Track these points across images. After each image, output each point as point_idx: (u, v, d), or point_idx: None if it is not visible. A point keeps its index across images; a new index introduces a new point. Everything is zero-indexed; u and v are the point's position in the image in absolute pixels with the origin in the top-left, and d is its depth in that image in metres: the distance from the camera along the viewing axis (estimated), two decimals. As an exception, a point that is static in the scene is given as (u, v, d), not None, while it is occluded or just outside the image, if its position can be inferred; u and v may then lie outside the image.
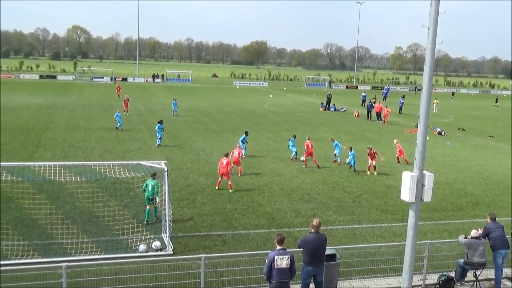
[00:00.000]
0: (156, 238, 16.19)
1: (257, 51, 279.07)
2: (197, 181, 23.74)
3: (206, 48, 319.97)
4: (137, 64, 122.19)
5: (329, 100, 61.20)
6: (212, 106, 59.66)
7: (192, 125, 42.39)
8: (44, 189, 20.66)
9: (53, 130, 36.47)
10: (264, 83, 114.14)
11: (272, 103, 67.38)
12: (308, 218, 18.91)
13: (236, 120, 46.77)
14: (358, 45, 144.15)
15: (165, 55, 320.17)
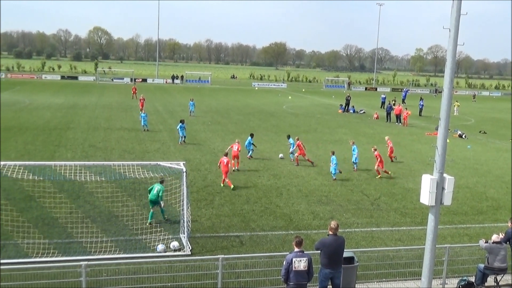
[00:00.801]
0: (174, 238, 16.28)
1: (276, 52, 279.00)
2: (215, 182, 23.80)
3: (225, 49, 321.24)
4: (156, 65, 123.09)
5: (348, 102, 60.89)
6: (231, 107, 59.79)
7: (211, 126, 42.54)
8: (65, 188, 20.92)
9: (74, 130, 36.92)
10: (283, 85, 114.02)
11: (291, 104, 67.27)
12: (326, 221, 18.83)
13: (254, 122, 46.81)
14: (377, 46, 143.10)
15: (185, 56, 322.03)
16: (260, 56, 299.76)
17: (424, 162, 30.58)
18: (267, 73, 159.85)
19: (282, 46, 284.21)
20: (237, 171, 25.95)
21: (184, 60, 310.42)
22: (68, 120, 42.32)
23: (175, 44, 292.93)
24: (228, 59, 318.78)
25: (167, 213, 18.74)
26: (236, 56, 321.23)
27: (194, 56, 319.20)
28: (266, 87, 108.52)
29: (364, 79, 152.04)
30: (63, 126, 38.64)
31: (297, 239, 11.30)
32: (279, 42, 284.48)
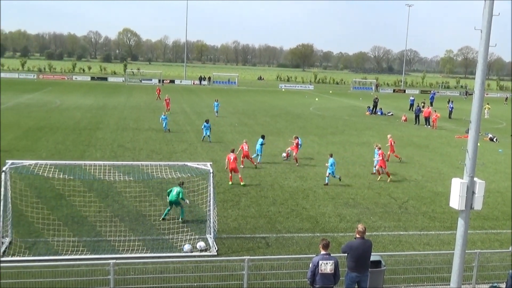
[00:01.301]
0: (200, 239, 16.37)
1: (303, 54, 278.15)
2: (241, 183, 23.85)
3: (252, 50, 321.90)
4: (184, 67, 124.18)
5: (376, 104, 60.32)
6: (258, 108, 59.87)
7: (238, 127, 42.67)
8: (94, 187, 21.27)
9: (103, 130, 37.50)
10: (310, 86, 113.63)
11: (318, 106, 67.00)
12: (353, 223, 18.69)
13: (281, 123, 46.77)
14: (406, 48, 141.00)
15: (212, 57, 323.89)
16: (287, 57, 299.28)
17: (453, 166, 30.08)
18: (294, 74, 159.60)
19: (309, 47, 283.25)
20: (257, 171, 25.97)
21: (212, 62, 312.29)
22: (97, 120, 43.01)
23: (202, 46, 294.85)
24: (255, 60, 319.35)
25: (194, 213, 18.89)
26: (263, 57, 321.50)
27: (221, 58, 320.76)
28: (293, 89, 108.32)
29: (392, 81, 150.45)
30: (93, 126, 39.28)
31: (323, 242, 11.24)
32: (306, 44, 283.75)
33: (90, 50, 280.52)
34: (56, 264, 13.18)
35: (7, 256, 14.36)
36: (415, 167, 29.41)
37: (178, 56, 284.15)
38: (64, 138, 33.40)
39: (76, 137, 34.29)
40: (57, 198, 19.78)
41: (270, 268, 13.92)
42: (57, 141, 32.29)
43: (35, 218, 16.77)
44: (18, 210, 16.97)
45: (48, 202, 19.22)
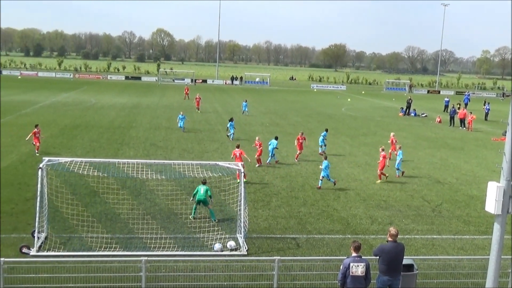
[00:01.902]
0: (231, 238, 16.43)
1: (336, 54, 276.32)
2: (272, 183, 23.86)
3: (284, 51, 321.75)
4: (216, 66, 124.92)
5: (409, 105, 59.41)
6: (289, 108, 59.75)
7: (269, 127, 42.68)
8: (127, 185, 21.59)
9: (136, 129, 38.05)
10: (342, 87, 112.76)
11: (350, 107, 66.44)
12: (385, 226, 18.46)
13: (313, 124, 46.55)
14: (441, 48, 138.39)
15: (244, 57, 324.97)
16: (319, 57, 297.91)
17: (489, 169, 29.38)
18: (326, 74, 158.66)
19: (342, 47, 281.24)
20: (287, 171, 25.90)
21: (244, 62, 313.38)
22: (131, 119, 43.67)
23: (235, 46, 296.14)
24: (287, 60, 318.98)
25: (224, 212, 18.98)
26: (295, 57, 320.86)
27: (253, 58, 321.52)
28: (325, 89, 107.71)
29: (427, 81, 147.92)
30: (127, 125, 39.90)
31: (355, 244, 11.13)
32: (339, 44, 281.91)
33: (124, 50, 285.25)
34: (90, 260, 13.45)
35: (43, 251, 14.71)
36: (450, 170, 28.85)
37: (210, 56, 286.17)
38: (98, 136, 34.03)
39: (110, 135, 34.90)
40: (91, 195, 20.17)
41: (300, 269, 13.87)
42: (92, 139, 32.93)
43: (70, 214, 17.14)
44: (54, 206, 17.36)
45: (83, 199, 19.62)
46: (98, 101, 58.25)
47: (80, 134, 34.79)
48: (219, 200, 20.21)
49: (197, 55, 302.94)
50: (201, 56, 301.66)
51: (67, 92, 68.79)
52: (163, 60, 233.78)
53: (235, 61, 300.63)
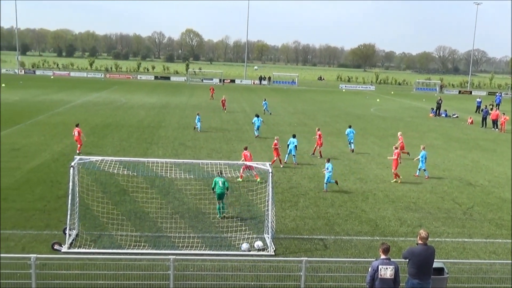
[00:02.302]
0: (258, 238, 16.44)
1: (365, 54, 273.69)
2: (300, 184, 23.78)
3: (312, 50, 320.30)
4: (245, 66, 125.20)
5: (440, 106, 58.41)
6: (317, 109, 59.46)
7: (297, 127, 42.55)
8: (156, 184, 21.82)
9: (165, 129, 38.43)
10: (371, 87, 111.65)
11: (379, 107, 65.73)
12: (414, 228, 18.20)
13: (341, 124, 46.22)
14: (473, 48, 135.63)
15: (272, 57, 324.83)
16: (348, 57, 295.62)
17: (523, 171, 28.66)
18: (355, 75, 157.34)
19: (371, 47, 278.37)
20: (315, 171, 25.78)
21: (272, 62, 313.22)
22: (160, 119, 44.13)
23: (263, 46, 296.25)
24: (315, 60, 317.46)
25: (252, 212, 19.00)
26: (324, 57, 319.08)
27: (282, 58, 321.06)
28: (353, 89, 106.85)
29: (458, 82, 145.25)
30: (156, 125, 40.34)
31: (384, 246, 10.99)
32: (368, 44, 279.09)
33: (154, 50, 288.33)
34: (119, 257, 13.64)
35: (74, 248, 14.99)
36: (481, 172, 28.26)
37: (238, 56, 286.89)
38: (128, 136, 34.49)
39: (139, 134, 35.33)
40: (121, 194, 20.45)
41: (327, 270, 13.78)
42: (122, 138, 33.40)
43: (100, 212, 17.41)
44: (85, 204, 17.67)
45: (113, 197, 19.91)
46: (128, 100, 59.04)
47: (110, 133, 35.33)
48: (246, 200, 20.27)
49: (225, 55, 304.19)
50: (230, 56, 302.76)
51: (98, 91, 69.94)
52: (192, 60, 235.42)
53: (263, 61, 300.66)
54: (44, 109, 46.64)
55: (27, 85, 74.34)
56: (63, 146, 29.97)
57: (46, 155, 27.31)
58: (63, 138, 32.32)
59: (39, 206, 18.81)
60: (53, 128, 36.06)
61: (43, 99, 55.83)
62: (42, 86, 74.59)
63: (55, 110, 46.49)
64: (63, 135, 33.36)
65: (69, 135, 33.20)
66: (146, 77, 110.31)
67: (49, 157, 27.01)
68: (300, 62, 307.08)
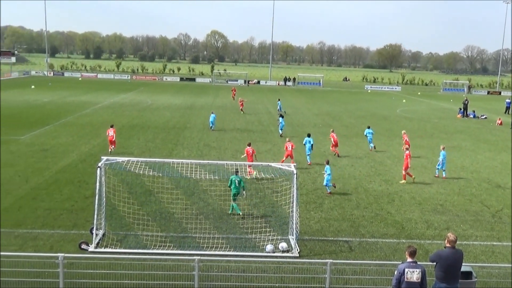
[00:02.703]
0: (283, 240, 16.39)
1: (391, 54, 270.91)
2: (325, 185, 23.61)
3: (338, 51, 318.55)
4: (269, 68, 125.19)
5: (466, 106, 57.37)
6: (343, 110, 59.08)
7: (322, 128, 42.33)
8: (181, 184, 21.95)
9: (190, 130, 38.67)
10: (397, 88, 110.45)
11: (405, 108, 64.95)
12: (441, 231, 17.91)
13: (366, 125, 45.71)
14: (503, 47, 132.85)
15: (297, 58, 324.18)
16: (374, 58, 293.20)
17: (554, 174, 27.94)
18: (381, 75, 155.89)
19: (397, 48, 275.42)
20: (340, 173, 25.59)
21: (297, 62, 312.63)
22: (185, 120, 44.43)
23: (288, 47, 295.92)
24: (340, 61, 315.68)
25: (277, 213, 18.96)
26: (349, 58, 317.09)
27: (307, 59, 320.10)
28: (379, 90, 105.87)
29: (487, 82, 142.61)
30: (181, 126, 40.63)
31: (410, 249, 10.84)
32: (394, 44, 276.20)
33: (179, 52, 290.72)
34: (145, 257, 13.76)
35: (101, 248, 15.18)
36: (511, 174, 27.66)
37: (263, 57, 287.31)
38: (154, 137, 34.81)
39: (165, 135, 35.63)
40: (147, 194, 20.65)
41: (353, 273, 13.66)
42: (148, 139, 33.73)
43: (126, 212, 17.61)
44: (111, 205, 17.89)
45: (139, 197, 20.11)
46: (154, 102, 59.62)
47: (136, 134, 35.71)
48: (271, 201, 20.24)
49: (250, 56, 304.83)
50: (254, 57, 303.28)
51: (125, 93, 70.82)
52: (217, 62, 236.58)
53: (288, 62, 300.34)
54: (72, 110, 47.44)
55: (56, 87, 75.73)
56: (90, 146, 30.42)
57: (74, 156, 27.76)
58: (91, 139, 32.81)
59: (67, 206, 19.12)
60: (81, 129, 36.64)
61: (71, 101, 56.79)
62: (70, 87, 75.90)
63: (83, 111, 47.23)
64: (90, 136, 33.87)
65: (96, 136, 33.72)
66: (172, 79, 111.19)
67: (77, 157, 27.44)
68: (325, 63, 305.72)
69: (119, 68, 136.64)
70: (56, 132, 34.98)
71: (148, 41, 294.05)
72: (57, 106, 51.23)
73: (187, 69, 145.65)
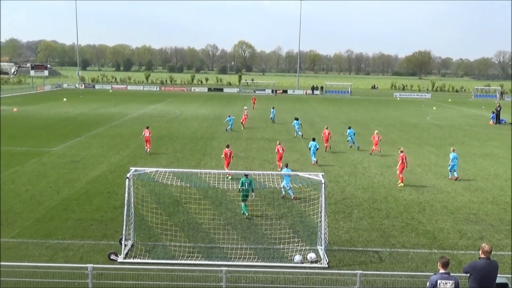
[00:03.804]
0: (311, 250, 16.20)
1: (420, 61, 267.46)
2: (353, 195, 23.34)
3: (366, 59, 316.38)
4: (297, 77, 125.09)
5: (498, 113, 56.03)
6: (371, 118, 58.47)
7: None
8: (209, 195, 21.97)
9: (218, 140, 38.80)
10: (427, 95, 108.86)
11: (436, 115, 63.90)
12: (475, 241, 17.44)
13: (395, 133, 45.21)
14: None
15: (325, 67, 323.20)
16: (403, 65, 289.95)
17: None
18: (410, 82, 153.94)
19: (426, 54, 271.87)
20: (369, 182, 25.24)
21: (324, 71, 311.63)
22: (213, 130, 44.64)
23: (315, 56, 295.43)
24: (368, 69, 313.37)
25: (305, 223, 18.78)
26: (377, 66, 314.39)
27: (334, 67, 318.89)
28: (408, 98, 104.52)
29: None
30: (209, 136, 40.81)
31: (443, 260, 10.54)
32: (423, 51, 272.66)
33: (207, 63, 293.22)
34: (173, 268, 13.76)
35: (129, 258, 15.27)
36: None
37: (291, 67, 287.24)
38: (182, 147, 35.04)
39: (193, 146, 35.82)
40: (175, 205, 20.72)
41: (383, 284, 13.38)
42: (176, 150, 33.96)
43: (155, 223, 17.69)
44: (140, 215, 18.01)
45: (167, 208, 20.19)
46: (182, 112, 60.14)
47: (164, 144, 36.01)
48: (299, 211, 20.07)
49: (278, 66, 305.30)
50: (282, 66, 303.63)
51: (154, 104, 71.65)
52: (245, 72, 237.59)
53: (316, 70, 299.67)
54: (102, 122, 48.21)
55: (87, 99, 77.17)
56: (120, 157, 30.79)
57: (103, 167, 28.13)
58: (120, 150, 33.23)
59: (96, 217, 19.34)
60: (111, 140, 37.16)
61: (102, 112, 57.74)
62: (101, 99, 77.24)
63: (113, 123, 47.94)
64: (120, 147, 34.31)
65: (125, 147, 34.14)
66: (200, 89, 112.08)
67: (107, 168, 27.80)
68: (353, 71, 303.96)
69: (148, 80, 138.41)
70: (86, 144, 35.55)
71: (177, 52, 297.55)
72: (88, 118, 52.15)
73: (215, 79, 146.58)
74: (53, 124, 45.99)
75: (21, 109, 58.46)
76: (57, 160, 29.66)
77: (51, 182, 24.43)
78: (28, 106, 63.64)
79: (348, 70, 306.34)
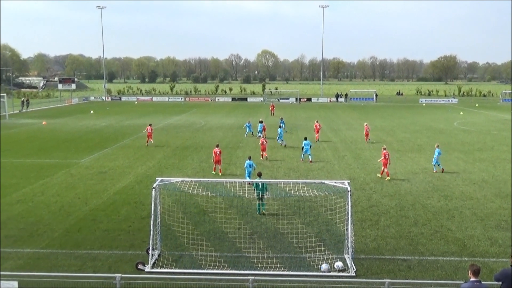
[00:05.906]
0: (338, 258, 16.06)
1: (446, 66, 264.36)
2: (380, 202, 23.10)
3: (390, 65, 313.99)
4: (321, 84, 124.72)
5: (531, 117, 54.88)
6: (397, 125, 57.89)
7: (375, 144, 41.54)
8: (234, 204, 22.01)
9: (243, 149, 38.88)
10: (454, 100, 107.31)
11: (463, 121, 62.91)
12: (506, 248, 17.05)
13: (422, 139, 44.63)
14: None
15: (349, 74, 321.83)
16: (428, 70, 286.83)
17: None
18: (436, 88, 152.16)
19: (452, 59, 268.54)
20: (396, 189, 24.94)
21: (348, 78, 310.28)
22: (238, 139, 44.77)
23: (339, 63, 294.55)
24: (393, 75, 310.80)
25: (331, 231, 18.65)
26: (402, 72, 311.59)
27: (358, 74, 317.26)
28: (434, 103, 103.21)
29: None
30: (234, 145, 40.94)
31: (474, 268, 10.34)
32: (448, 55, 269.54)
33: (231, 72, 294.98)
34: (199, 277, 13.80)
35: (157, 268, 15.37)
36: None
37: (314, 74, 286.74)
38: (207, 157, 35.21)
39: (218, 155, 35.91)
40: (201, 214, 20.81)
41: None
42: (201, 160, 34.16)
43: (181, 232, 17.79)
44: (166, 225, 18.15)
45: (193, 217, 20.28)
46: (206, 122, 60.53)
47: (190, 154, 36.26)
48: (325, 220, 19.94)
49: (301, 74, 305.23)
50: (305, 74, 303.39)
51: (179, 115, 72.29)
52: (268, 81, 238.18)
53: (340, 78, 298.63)
54: (128, 134, 48.83)
55: (113, 111, 78.32)
56: (146, 168, 31.11)
57: (130, 177, 28.45)
58: (146, 161, 33.57)
59: (124, 227, 19.54)
60: (137, 151, 37.59)
61: (128, 124, 58.51)
62: (126, 111, 78.29)
63: (138, 134, 48.51)
64: (146, 158, 34.67)
65: (151, 158, 34.49)
66: (224, 99, 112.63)
67: (133, 179, 28.11)
68: (377, 78, 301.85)
69: (173, 91, 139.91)
70: (113, 155, 36.04)
71: (200, 63, 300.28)
72: (114, 129, 52.89)
73: (238, 89, 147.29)
74: (80, 136, 46.79)
75: (50, 122, 59.66)
76: (85, 171, 30.14)
77: (79, 193, 24.82)
78: (56, 119, 64.92)
79: (372, 76, 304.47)
